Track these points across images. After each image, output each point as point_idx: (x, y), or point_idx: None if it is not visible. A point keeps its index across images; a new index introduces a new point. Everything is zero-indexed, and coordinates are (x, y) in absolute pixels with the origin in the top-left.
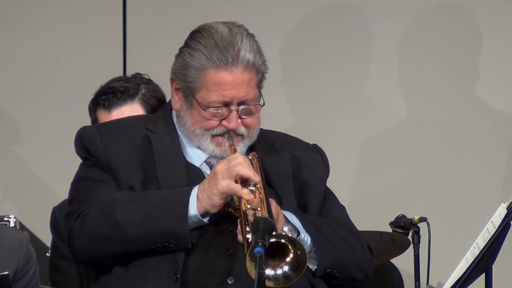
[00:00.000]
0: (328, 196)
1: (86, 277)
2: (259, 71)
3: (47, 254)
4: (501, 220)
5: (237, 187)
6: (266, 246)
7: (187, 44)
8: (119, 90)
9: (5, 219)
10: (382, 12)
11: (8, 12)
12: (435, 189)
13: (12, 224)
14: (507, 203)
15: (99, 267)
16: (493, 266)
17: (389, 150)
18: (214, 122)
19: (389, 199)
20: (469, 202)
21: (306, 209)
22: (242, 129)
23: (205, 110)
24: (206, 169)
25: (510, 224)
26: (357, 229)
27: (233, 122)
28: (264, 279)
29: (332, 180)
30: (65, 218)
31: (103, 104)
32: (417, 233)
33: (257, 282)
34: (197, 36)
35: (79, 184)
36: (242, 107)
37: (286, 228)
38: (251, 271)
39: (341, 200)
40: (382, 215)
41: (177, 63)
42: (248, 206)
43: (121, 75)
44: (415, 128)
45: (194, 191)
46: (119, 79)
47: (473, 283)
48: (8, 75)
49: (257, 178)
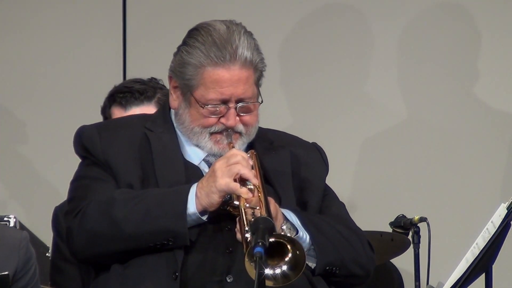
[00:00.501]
0: (328, 194)
1: (86, 276)
2: (257, 69)
3: (47, 254)
4: (501, 220)
5: (236, 186)
6: (266, 246)
7: (185, 42)
8: (137, 91)
9: (5, 219)
10: (382, 12)
11: (9, 12)
12: (435, 189)
13: (12, 224)
14: (507, 203)
15: (98, 266)
16: (493, 266)
17: (389, 150)
18: (212, 120)
19: (389, 199)
20: (469, 202)
21: (306, 207)
22: (241, 127)
23: (203, 108)
24: (205, 167)
25: (510, 224)
26: (357, 226)
27: (231, 120)
28: (264, 279)
29: (332, 180)
30: (64, 217)
31: (120, 102)
32: (417, 233)
33: (257, 282)
34: (195, 34)
35: (78, 183)
36: (240, 105)
37: (285, 227)
38: (250, 271)
39: (342, 200)
40: (382, 215)
41: (175, 61)
42: (247, 205)
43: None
44: (415, 128)
45: (193, 189)
46: (136, 81)
47: (473, 283)
48: (8, 75)
49: (256, 181)
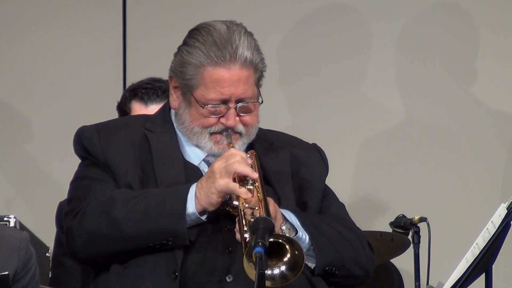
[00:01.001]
0: (327, 194)
1: (86, 276)
2: (258, 69)
3: (47, 254)
4: (501, 220)
5: (235, 186)
6: (266, 246)
7: (185, 42)
8: (159, 88)
9: (5, 219)
10: (380, 12)
11: (9, 12)
12: (435, 189)
13: (12, 224)
14: (507, 203)
15: (98, 266)
16: (493, 266)
17: (389, 150)
18: (212, 120)
19: (389, 199)
20: (469, 202)
21: (305, 207)
22: (240, 127)
23: (203, 108)
24: (205, 168)
25: (510, 224)
26: (357, 226)
27: (231, 120)
28: (264, 279)
29: (332, 181)
30: (64, 217)
31: (142, 97)
32: (417, 233)
33: (257, 282)
34: (195, 34)
35: (78, 183)
36: (240, 105)
37: (284, 227)
38: (249, 271)
39: (341, 200)
40: (382, 215)
41: (176, 61)
42: (246, 205)
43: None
44: (415, 128)
45: (192, 189)
46: (156, 80)
47: (473, 283)
48: (7, 75)
49: (255, 175)
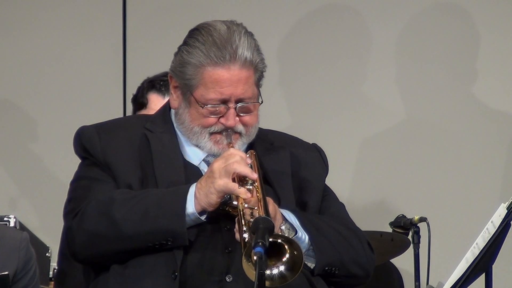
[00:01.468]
0: (327, 194)
1: (85, 277)
2: (258, 69)
3: (47, 254)
4: (501, 220)
5: (234, 186)
6: (266, 247)
7: (186, 42)
8: None
9: (5, 219)
10: (380, 13)
11: (9, 12)
12: (435, 189)
13: (12, 224)
14: (507, 203)
15: (98, 266)
16: (493, 266)
17: (389, 150)
18: (212, 120)
19: (389, 199)
20: (469, 202)
21: (305, 208)
22: (240, 127)
23: (203, 108)
24: (205, 168)
25: (510, 224)
26: (357, 226)
27: (231, 120)
28: (264, 279)
29: (332, 181)
30: (64, 217)
31: (159, 89)
32: (417, 233)
33: (257, 282)
34: (195, 34)
35: (78, 183)
36: (240, 105)
37: (284, 227)
38: (248, 271)
39: (341, 200)
40: (382, 215)
41: (176, 61)
42: (246, 205)
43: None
44: (414, 128)
45: (192, 189)
46: None
47: (473, 283)
48: (7, 75)
49: (255, 176)
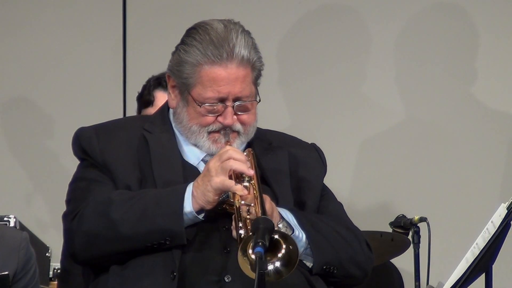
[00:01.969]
0: (326, 194)
1: (85, 278)
2: (255, 68)
3: (47, 254)
4: (501, 220)
5: (231, 183)
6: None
7: (183, 41)
8: None
9: (5, 219)
10: (380, 13)
11: (9, 12)
12: (435, 189)
13: (12, 224)
14: (507, 203)
15: (97, 267)
16: (493, 266)
17: (389, 150)
18: (210, 119)
19: (389, 199)
20: (469, 202)
21: (304, 207)
22: (238, 126)
23: (201, 106)
24: (203, 168)
25: (510, 224)
26: (355, 226)
27: (229, 118)
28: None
29: (332, 181)
30: (63, 219)
31: (165, 86)
32: (417, 233)
33: (257, 282)
34: (193, 33)
35: (77, 185)
36: (238, 103)
37: (281, 225)
38: (243, 265)
39: (341, 201)
40: (382, 215)
41: (173, 60)
42: (242, 202)
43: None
44: (414, 128)
45: (189, 188)
46: None
47: (473, 283)
48: (7, 75)
49: (251, 172)
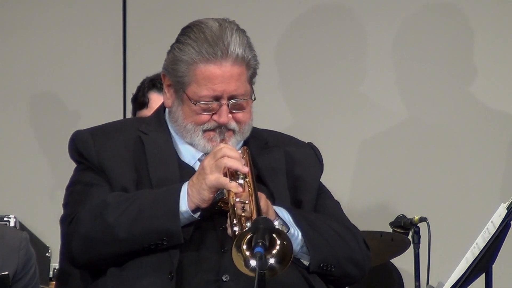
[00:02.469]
0: (322, 192)
1: (83, 280)
2: (250, 66)
3: (47, 254)
4: (501, 220)
5: (225, 180)
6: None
7: (178, 40)
8: None
9: (5, 219)
10: (379, 13)
11: (9, 12)
12: (435, 189)
13: (12, 224)
14: (507, 203)
15: (95, 270)
16: (493, 266)
17: (389, 150)
18: (205, 117)
19: (389, 199)
20: (469, 202)
21: (300, 206)
22: (233, 124)
23: (195, 105)
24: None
25: (510, 224)
26: (352, 224)
27: (224, 117)
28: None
29: (332, 181)
30: (60, 223)
31: (161, 88)
32: (417, 233)
33: (257, 282)
34: (188, 32)
35: (73, 188)
36: (233, 102)
37: (277, 223)
38: (237, 262)
39: (341, 201)
40: (382, 215)
41: (168, 59)
42: (237, 199)
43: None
44: (414, 128)
45: (184, 187)
46: None
47: (473, 283)
48: (6, 75)
49: (246, 169)
